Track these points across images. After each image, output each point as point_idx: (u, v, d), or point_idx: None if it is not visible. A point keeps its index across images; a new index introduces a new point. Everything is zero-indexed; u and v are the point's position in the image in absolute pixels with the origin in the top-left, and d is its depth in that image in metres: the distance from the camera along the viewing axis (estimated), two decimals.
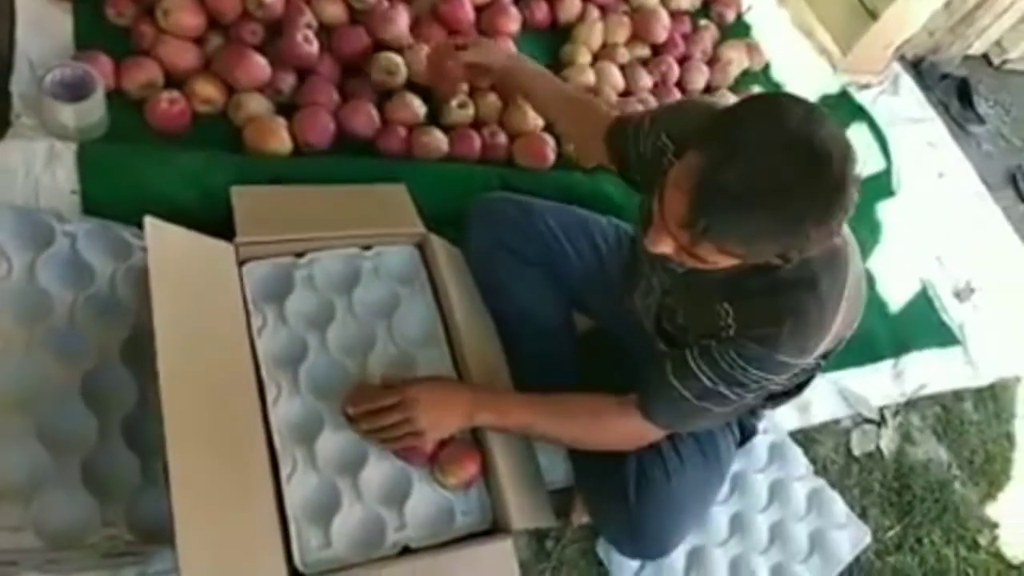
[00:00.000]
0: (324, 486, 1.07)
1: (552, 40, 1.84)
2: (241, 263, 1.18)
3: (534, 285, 1.32)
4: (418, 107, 1.53)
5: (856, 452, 1.60)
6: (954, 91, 2.42)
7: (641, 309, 1.20)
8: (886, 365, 1.72)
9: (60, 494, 0.94)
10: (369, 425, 1.09)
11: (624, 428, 1.10)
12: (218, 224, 1.20)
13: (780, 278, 0.93)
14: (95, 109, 1.28)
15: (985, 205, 2.17)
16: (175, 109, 1.36)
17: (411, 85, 1.56)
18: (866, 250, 1.89)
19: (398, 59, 1.53)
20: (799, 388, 1.25)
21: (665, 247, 0.90)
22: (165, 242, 1.08)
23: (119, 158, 1.27)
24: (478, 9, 1.72)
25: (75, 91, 1.26)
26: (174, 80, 1.41)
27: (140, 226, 1.09)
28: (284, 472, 1.04)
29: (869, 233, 1.93)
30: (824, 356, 1.07)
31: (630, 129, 1.13)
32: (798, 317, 0.93)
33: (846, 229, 0.99)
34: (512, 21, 1.74)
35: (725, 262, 0.87)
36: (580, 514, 1.29)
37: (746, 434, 1.32)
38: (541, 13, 1.82)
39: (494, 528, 1.15)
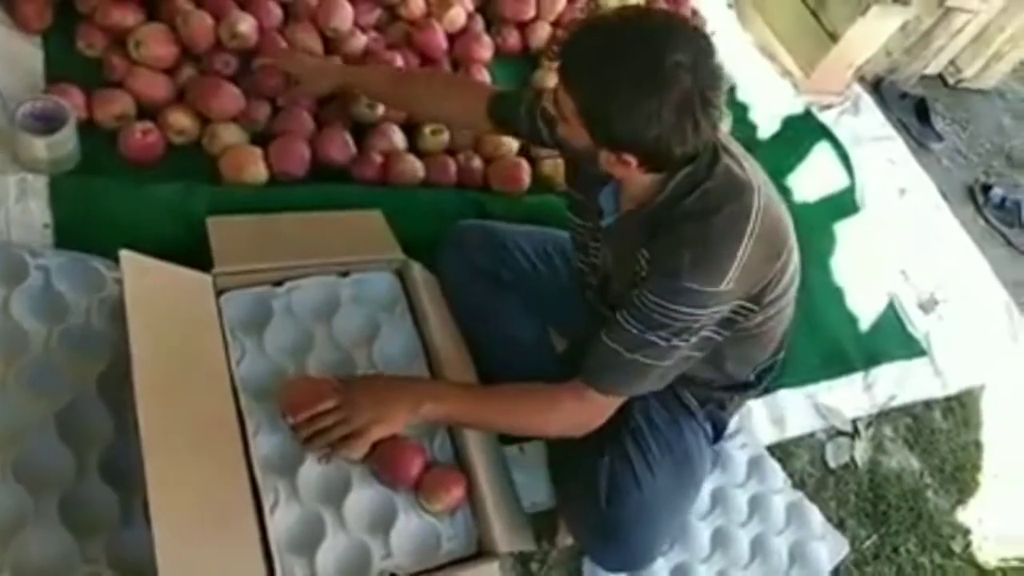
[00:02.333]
0: (308, 516, 1.06)
1: (523, 66, 1.87)
2: (219, 293, 1.18)
3: (510, 308, 1.34)
4: (398, 137, 1.55)
5: (831, 464, 1.62)
6: (912, 110, 2.49)
7: (592, 300, 1.24)
8: (857, 378, 1.75)
9: (38, 533, 0.92)
10: (308, 431, 1.08)
11: (568, 406, 1.10)
12: (195, 255, 1.19)
13: (683, 212, 1.00)
14: (67, 141, 1.27)
15: (946, 219, 2.23)
16: (149, 140, 1.36)
17: None
18: (828, 262, 1.94)
19: None
20: (759, 377, 1.28)
21: (548, 96, 1.02)
22: (141, 275, 1.07)
23: (92, 190, 1.26)
24: (450, 37, 1.74)
25: (47, 124, 1.25)
26: (147, 111, 1.41)
27: (115, 258, 1.09)
28: (267, 504, 1.03)
29: (832, 247, 1.98)
30: (754, 300, 1.06)
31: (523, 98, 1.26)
32: (699, 242, 0.98)
33: (762, 175, 1.06)
34: (484, 48, 1.77)
35: (570, 113, 0.95)
36: (564, 535, 1.29)
37: (719, 431, 1.33)
38: (512, 39, 1.85)
39: (480, 552, 1.15)
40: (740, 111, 2.09)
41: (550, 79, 1.83)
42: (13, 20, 1.41)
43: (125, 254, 1.06)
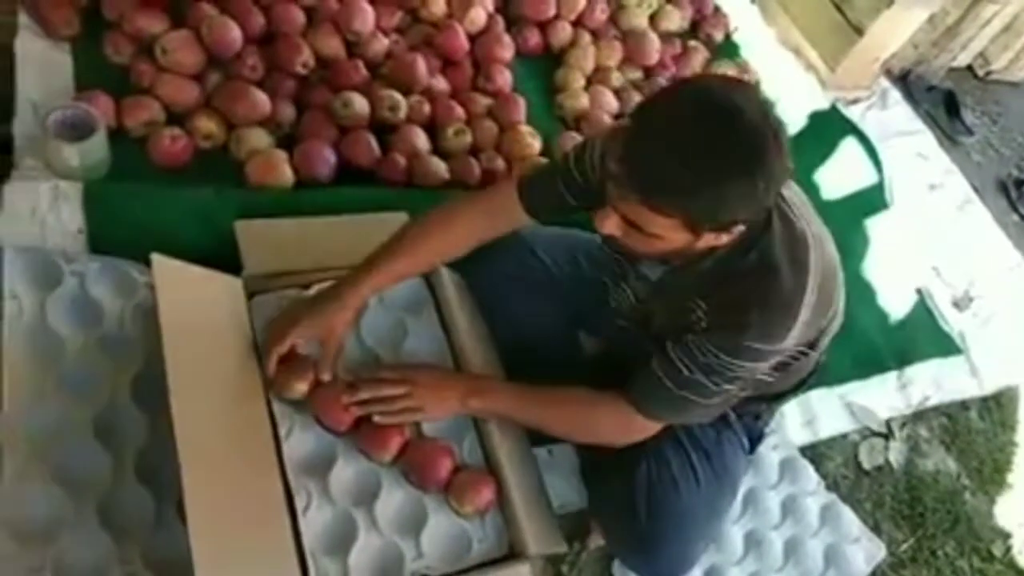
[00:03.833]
0: (340, 518, 1.06)
1: (546, 65, 1.87)
2: (249, 296, 1.18)
3: (538, 311, 1.32)
4: (421, 139, 1.55)
5: (866, 466, 1.60)
6: (941, 103, 2.45)
7: (623, 312, 1.22)
8: (891, 377, 1.72)
9: (78, 534, 0.94)
10: (371, 393, 1.10)
11: (613, 419, 1.11)
12: (224, 258, 1.20)
13: (744, 268, 0.98)
14: (98, 148, 1.29)
15: (977, 214, 2.19)
16: (177, 145, 1.37)
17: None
18: (859, 260, 1.91)
19: (399, 97, 1.55)
20: (797, 387, 1.25)
21: (611, 226, 0.95)
22: (172, 279, 1.08)
23: (123, 196, 1.27)
24: (472, 38, 1.74)
25: (78, 131, 1.27)
26: (175, 117, 1.42)
27: (147, 263, 1.10)
28: (299, 505, 1.03)
29: (862, 244, 1.95)
30: (810, 346, 1.07)
31: (559, 171, 1.14)
32: (763, 304, 0.97)
33: (815, 220, 1.03)
34: (506, 49, 1.76)
35: (665, 230, 0.90)
36: (595, 536, 1.28)
37: (754, 440, 1.31)
38: (534, 39, 1.84)
39: (510, 554, 1.14)
40: None
41: (573, 78, 1.82)
42: (41, 27, 1.43)
43: (157, 258, 1.07)
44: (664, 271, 1.08)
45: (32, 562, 0.90)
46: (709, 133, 0.84)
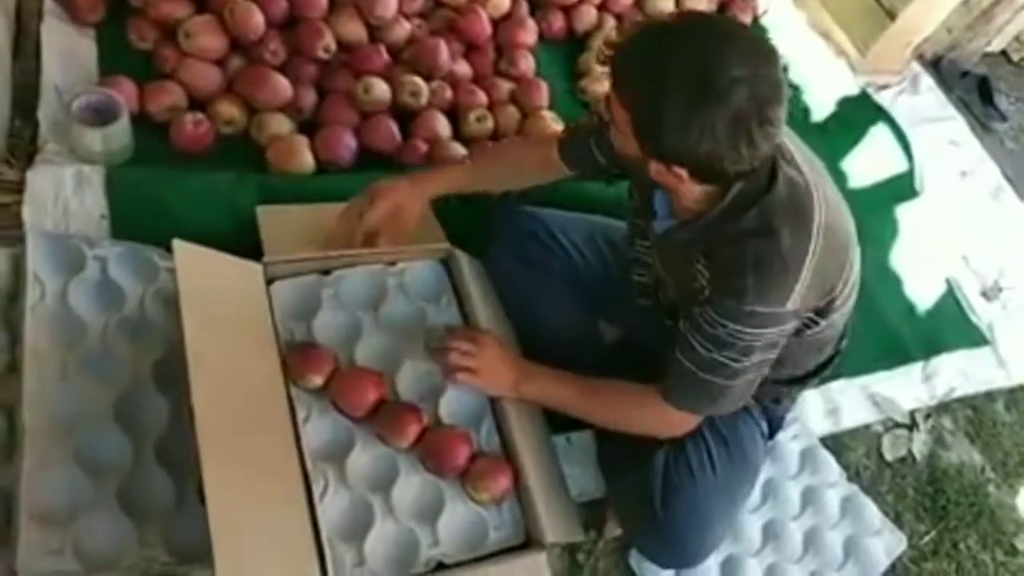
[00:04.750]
0: (357, 503, 1.07)
1: (569, 50, 1.85)
2: (269, 282, 1.19)
3: (558, 297, 1.32)
4: (442, 124, 1.54)
5: (888, 457, 1.58)
6: (974, 88, 2.39)
7: (639, 288, 1.24)
8: (916, 368, 1.69)
9: (98, 517, 0.95)
10: (441, 341, 1.18)
11: (654, 412, 1.12)
12: (245, 243, 1.21)
13: (742, 229, 0.97)
14: (121, 133, 1.30)
15: (1010, 202, 2.13)
16: (199, 130, 1.38)
17: None
18: (887, 248, 1.87)
19: (421, 82, 1.54)
20: (816, 371, 1.24)
21: (604, 104, 0.98)
22: (194, 264, 1.09)
23: (146, 181, 1.28)
24: (494, 23, 1.73)
25: (101, 116, 1.28)
26: (197, 102, 1.43)
27: (168, 248, 1.11)
28: (316, 491, 1.04)
29: (891, 232, 1.91)
30: (820, 313, 1.06)
31: (593, 129, 1.20)
32: (759, 266, 0.96)
33: (827, 184, 1.02)
34: (529, 33, 1.75)
35: (622, 124, 0.92)
36: (612, 525, 1.28)
37: (773, 425, 1.31)
38: (557, 24, 1.82)
39: (527, 542, 1.14)
40: (793, 93, 2.02)
41: (596, 66, 1.79)
42: (67, 12, 1.44)
43: (178, 244, 1.08)
44: (668, 226, 1.09)
45: (52, 544, 0.92)
46: (686, 52, 0.85)
